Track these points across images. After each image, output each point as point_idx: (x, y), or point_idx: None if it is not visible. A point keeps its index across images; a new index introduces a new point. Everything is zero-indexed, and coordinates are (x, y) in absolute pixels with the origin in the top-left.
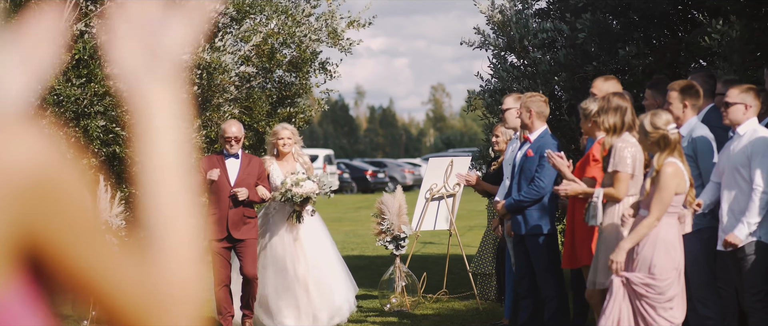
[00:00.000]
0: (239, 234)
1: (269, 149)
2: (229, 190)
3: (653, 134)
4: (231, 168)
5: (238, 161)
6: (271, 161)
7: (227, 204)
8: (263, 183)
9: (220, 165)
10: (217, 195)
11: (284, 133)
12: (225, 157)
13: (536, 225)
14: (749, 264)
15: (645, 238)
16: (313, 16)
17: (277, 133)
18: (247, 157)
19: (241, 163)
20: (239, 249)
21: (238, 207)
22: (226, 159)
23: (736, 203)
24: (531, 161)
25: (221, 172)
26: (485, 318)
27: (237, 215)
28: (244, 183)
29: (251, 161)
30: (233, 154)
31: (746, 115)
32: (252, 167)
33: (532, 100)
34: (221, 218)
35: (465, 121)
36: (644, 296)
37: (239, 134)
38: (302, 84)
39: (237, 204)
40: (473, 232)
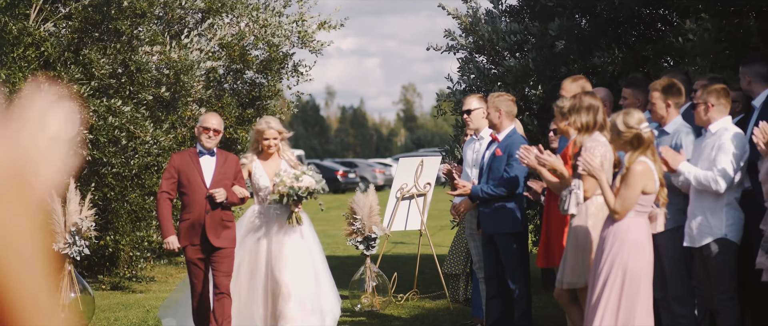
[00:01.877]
0: (218, 241)
1: (252, 145)
2: (205, 191)
3: (626, 133)
4: (206, 167)
5: (213, 159)
6: (251, 159)
7: (203, 207)
8: (239, 183)
9: (193, 162)
10: (191, 197)
11: (270, 132)
12: (199, 154)
13: (506, 224)
14: (716, 263)
15: (614, 238)
16: (284, 16)
17: (262, 133)
18: (222, 154)
19: (217, 161)
20: (214, 259)
21: (216, 210)
22: (201, 156)
23: (702, 202)
24: (499, 160)
25: (195, 171)
26: (455, 318)
27: (214, 219)
28: (220, 184)
29: (227, 159)
30: (209, 150)
31: (710, 114)
32: (228, 166)
33: (500, 99)
34: (196, 222)
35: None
36: (619, 295)
37: (219, 127)
38: (273, 85)
39: (214, 206)
40: (444, 232)
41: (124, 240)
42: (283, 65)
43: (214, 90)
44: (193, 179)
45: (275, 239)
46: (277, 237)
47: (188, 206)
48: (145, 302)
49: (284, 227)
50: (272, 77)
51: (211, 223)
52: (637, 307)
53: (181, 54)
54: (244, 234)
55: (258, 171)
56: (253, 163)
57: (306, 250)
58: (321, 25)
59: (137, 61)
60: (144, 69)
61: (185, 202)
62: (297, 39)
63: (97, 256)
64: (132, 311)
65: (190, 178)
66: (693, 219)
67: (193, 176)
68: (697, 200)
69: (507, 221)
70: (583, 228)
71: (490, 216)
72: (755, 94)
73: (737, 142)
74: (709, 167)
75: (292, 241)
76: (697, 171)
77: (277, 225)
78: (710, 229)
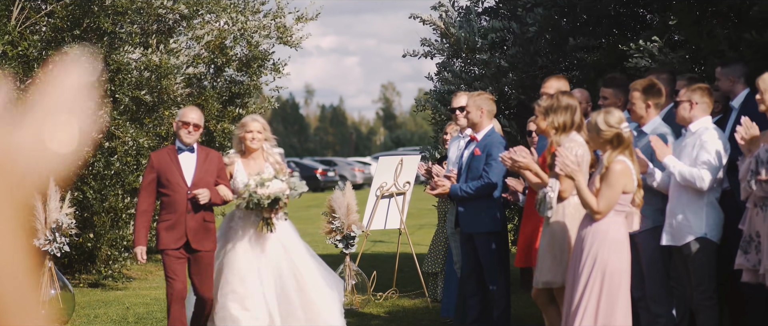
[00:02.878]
0: (199, 244)
1: (235, 144)
2: (186, 190)
3: (606, 132)
4: (186, 164)
5: (193, 156)
6: (234, 158)
7: (184, 208)
8: (224, 181)
9: (172, 160)
10: (171, 196)
11: (253, 125)
12: (178, 150)
13: (485, 224)
14: (696, 262)
15: (593, 237)
16: (262, 12)
17: (245, 125)
18: (203, 150)
19: (198, 158)
20: (194, 263)
21: (199, 212)
22: (180, 153)
23: (682, 200)
24: (478, 159)
25: (175, 169)
26: (434, 317)
27: (196, 221)
28: (202, 182)
29: (209, 155)
30: (188, 146)
31: (693, 112)
32: (210, 163)
33: (481, 98)
34: (176, 224)
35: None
36: (598, 294)
37: (199, 121)
38: (252, 83)
39: (196, 208)
40: (423, 231)
41: (103, 239)
42: (262, 63)
43: (194, 88)
44: (172, 178)
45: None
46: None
47: (168, 206)
48: (124, 299)
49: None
50: (252, 75)
51: (193, 225)
52: (617, 307)
53: (163, 58)
54: (224, 239)
55: (239, 172)
56: (235, 163)
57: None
58: (298, 18)
59: (118, 60)
60: (124, 69)
61: (165, 203)
62: (275, 34)
63: (77, 254)
64: (112, 308)
65: (170, 178)
66: (673, 218)
67: (173, 175)
68: (678, 199)
69: (486, 220)
70: (560, 228)
71: (469, 215)
72: (734, 94)
73: (718, 141)
74: (692, 165)
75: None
76: (682, 166)
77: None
78: (690, 228)
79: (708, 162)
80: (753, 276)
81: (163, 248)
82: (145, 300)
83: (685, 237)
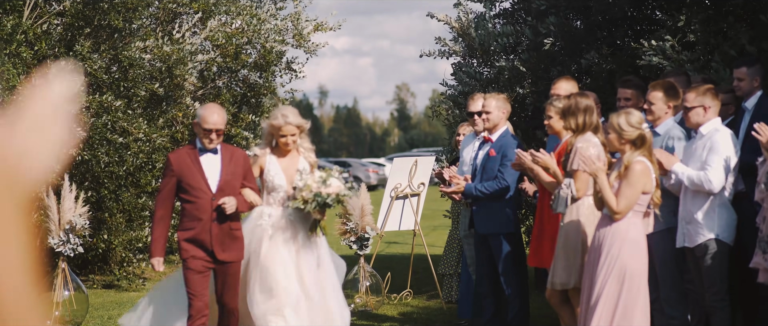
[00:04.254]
0: (225, 254)
1: (266, 139)
2: (210, 197)
3: (630, 133)
4: (209, 168)
5: (217, 157)
6: (264, 153)
7: (209, 216)
8: (251, 184)
9: (193, 163)
10: (195, 203)
11: (288, 129)
12: (199, 151)
13: (500, 225)
14: (708, 263)
15: (613, 238)
16: (279, 17)
17: (278, 128)
18: (228, 150)
19: (223, 160)
20: (221, 274)
21: (225, 220)
22: (202, 154)
23: (695, 202)
24: (493, 160)
25: (198, 174)
26: (449, 318)
27: (222, 231)
28: (228, 188)
29: (234, 156)
30: (211, 148)
31: (706, 116)
32: (235, 164)
33: (502, 99)
34: (200, 234)
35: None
36: (617, 295)
37: (222, 124)
38: (267, 84)
39: (222, 215)
40: (437, 232)
41: (117, 240)
42: (276, 63)
43: (208, 87)
44: (195, 184)
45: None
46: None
47: (190, 214)
48: (138, 301)
49: (299, 236)
50: (266, 75)
51: (219, 235)
52: (637, 308)
53: (174, 47)
54: (251, 243)
55: (272, 167)
56: (267, 157)
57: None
58: (317, 26)
59: (130, 56)
60: (137, 64)
61: (187, 210)
62: (292, 39)
63: (90, 255)
64: (125, 309)
65: (192, 183)
66: (685, 220)
67: (195, 180)
68: (690, 201)
69: (500, 222)
70: (575, 228)
71: (484, 216)
72: (749, 95)
73: (728, 143)
74: (701, 168)
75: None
76: (690, 171)
77: (291, 233)
78: (703, 230)
79: (717, 163)
80: None
81: (185, 258)
82: None
83: (698, 239)
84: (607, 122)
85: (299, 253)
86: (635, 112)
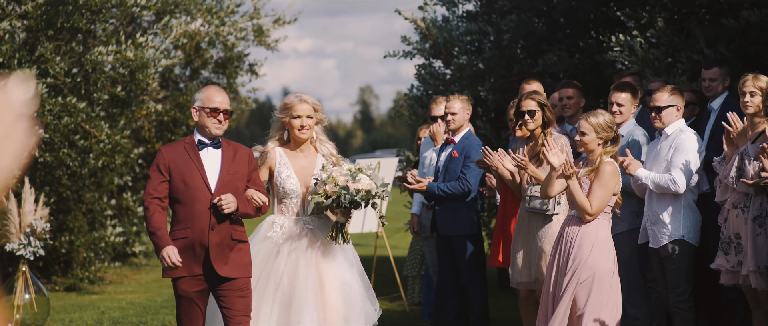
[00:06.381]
0: (226, 269)
1: (275, 131)
2: (209, 198)
3: (608, 133)
4: (209, 164)
5: (218, 152)
6: (273, 150)
7: (206, 221)
8: (255, 185)
9: (191, 157)
10: (189, 206)
11: (302, 108)
12: (198, 146)
13: (462, 226)
14: (672, 263)
15: (582, 239)
16: (238, 14)
17: (290, 108)
18: (230, 145)
19: (224, 156)
20: (223, 294)
21: (224, 224)
22: (201, 149)
23: (660, 203)
24: (456, 162)
25: (195, 170)
26: (412, 321)
27: (221, 237)
28: (229, 188)
29: (237, 152)
30: (213, 139)
31: (678, 115)
32: (239, 162)
33: (466, 101)
34: (195, 243)
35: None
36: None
37: (228, 105)
38: (229, 84)
39: (221, 219)
40: (400, 234)
41: (80, 241)
42: (238, 65)
43: (170, 90)
44: (191, 181)
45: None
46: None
47: (184, 219)
48: (100, 303)
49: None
50: (228, 76)
51: (218, 244)
52: (607, 307)
53: (136, 52)
54: (259, 261)
55: (283, 168)
56: (277, 155)
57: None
58: (276, 21)
59: (93, 60)
60: (99, 68)
61: (179, 214)
62: (252, 35)
63: (52, 257)
64: (87, 312)
65: (188, 180)
66: (651, 221)
67: (192, 177)
68: (656, 202)
69: (463, 223)
70: (536, 229)
71: (446, 217)
72: (716, 96)
73: (694, 144)
74: (667, 169)
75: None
76: (654, 175)
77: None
78: (668, 231)
79: (683, 164)
80: (732, 277)
81: (176, 277)
82: (120, 304)
83: (663, 239)
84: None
85: (322, 268)
86: (604, 112)
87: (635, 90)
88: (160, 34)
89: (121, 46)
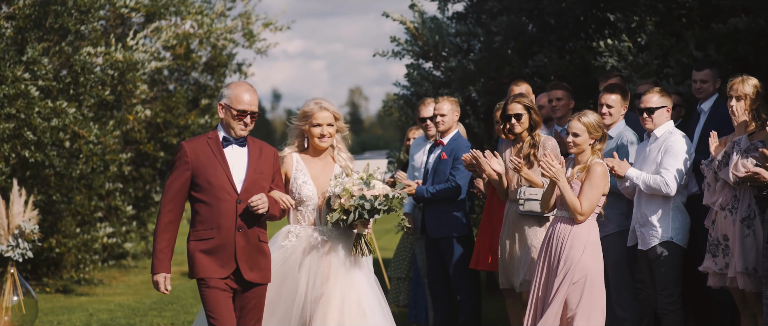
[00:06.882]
0: (252, 274)
1: (293, 137)
2: (235, 198)
3: (599, 132)
4: (235, 163)
5: (244, 150)
6: (289, 154)
7: (233, 223)
8: (278, 187)
9: (216, 155)
10: (215, 206)
11: (322, 116)
12: (223, 142)
13: (451, 227)
14: (661, 265)
15: (573, 240)
16: (229, 17)
17: (310, 116)
18: (255, 143)
19: (251, 155)
20: (241, 299)
21: (252, 228)
22: (226, 146)
23: (649, 204)
24: (445, 163)
25: (220, 169)
26: (399, 323)
27: (249, 241)
28: (256, 188)
29: (263, 151)
30: (238, 139)
31: (667, 117)
32: (265, 162)
33: (455, 102)
34: (222, 245)
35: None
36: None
37: (256, 105)
38: (218, 86)
39: (248, 220)
40: (389, 235)
41: (71, 243)
42: (226, 66)
43: (158, 90)
44: (216, 180)
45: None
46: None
47: (209, 220)
48: (88, 305)
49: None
50: (217, 77)
51: (246, 247)
52: (597, 308)
53: (126, 54)
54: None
55: (300, 174)
56: (293, 160)
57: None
58: (266, 24)
59: (81, 61)
60: (88, 69)
61: (204, 214)
62: (242, 39)
63: (42, 258)
64: (75, 314)
65: (212, 179)
66: (640, 223)
67: (217, 176)
68: (645, 204)
69: (452, 224)
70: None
71: (435, 219)
72: (706, 98)
73: (684, 146)
74: (657, 171)
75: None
76: (645, 176)
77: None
78: (657, 232)
79: (673, 166)
80: (719, 279)
81: (204, 277)
82: (108, 306)
83: (652, 241)
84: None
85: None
86: (591, 111)
87: (625, 91)
88: (149, 36)
89: (111, 47)
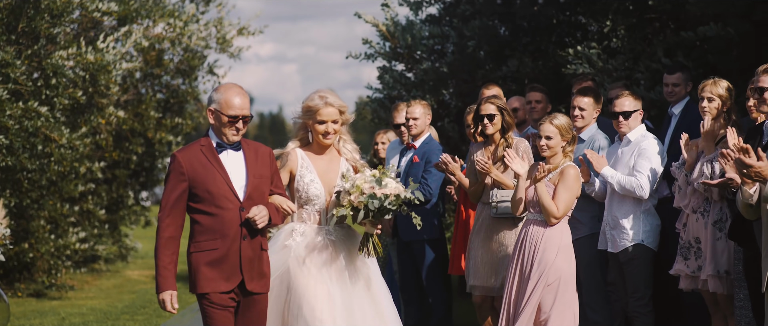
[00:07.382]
0: (256, 284)
1: (297, 131)
2: (238, 208)
3: (570, 134)
4: (233, 168)
5: (240, 155)
6: (294, 150)
7: (237, 232)
8: (278, 189)
9: (212, 163)
10: (217, 216)
11: (327, 112)
12: (217, 147)
13: (424, 231)
14: (632, 268)
15: (546, 244)
16: (202, 21)
17: (315, 112)
18: (250, 146)
19: (247, 158)
20: (245, 308)
21: (256, 236)
22: (220, 152)
23: (620, 207)
24: (417, 167)
25: (219, 177)
26: None
27: (253, 250)
28: (257, 195)
29: (259, 153)
30: (233, 144)
31: (640, 120)
32: (262, 164)
33: (427, 106)
34: (226, 256)
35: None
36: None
37: (248, 109)
38: (190, 90)
39: (253, 231)
40: None
41: (43, 248)
42: (198, 68)
43: (131, 93)
44: (216, 189)
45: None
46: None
47: (211, 231)
48: (60, 309)
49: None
50: (189, 81)
51: (250, 257)
52: (570, 310)
53: (96, 55)
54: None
55: (306, 171)
56: (298, 157)
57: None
58: (240, 30)
59: (53, 64)
60: (60, 72)
61: (205, 225)
62: (215, 44)
63: (14, 263)
64: (47, 318)
65: (212, 189)
66: (610, 225)
67: (217, 185)
68: (616, 206)
69: (424, 228)
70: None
71: (407, 222)
72: (677, 101)
73: (656, 149)
74: (630, 174)
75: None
76: (620, 176)
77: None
78: (628, 235)
79: (646, 169)
80: (691, 282)
81: (206, 292)
82: (81, 310)
83: (622, 244)
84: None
85: (343, 282)
86: (561, 113)
87: (598, 94)
88: (121, 38)
89: (81, 49)
